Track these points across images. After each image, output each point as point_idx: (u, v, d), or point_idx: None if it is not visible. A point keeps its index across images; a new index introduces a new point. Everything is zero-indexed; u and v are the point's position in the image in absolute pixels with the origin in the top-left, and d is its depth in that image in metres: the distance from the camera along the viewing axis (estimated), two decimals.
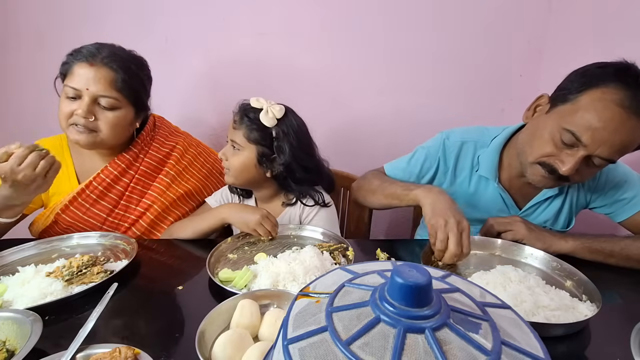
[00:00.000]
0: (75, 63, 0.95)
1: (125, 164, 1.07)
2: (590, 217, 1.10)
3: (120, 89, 0.97)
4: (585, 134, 0.79)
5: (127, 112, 1.01)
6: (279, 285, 0.76)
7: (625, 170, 0.99)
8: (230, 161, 1.05)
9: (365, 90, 1.56)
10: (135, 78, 1.00)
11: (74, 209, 1.04)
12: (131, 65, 1.00)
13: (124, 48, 1.04)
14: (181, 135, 1.21)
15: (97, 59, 0.95)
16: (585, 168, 0.84)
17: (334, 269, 0.38)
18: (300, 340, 0.28)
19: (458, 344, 0.27)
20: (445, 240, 0.80)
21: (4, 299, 0.72)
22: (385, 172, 1.15)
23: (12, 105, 1.51)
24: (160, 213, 1.10)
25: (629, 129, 0.77)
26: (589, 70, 0.83)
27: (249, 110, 1.03)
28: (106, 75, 0.95)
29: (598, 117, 0.77)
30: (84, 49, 0.97)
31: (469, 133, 1.07)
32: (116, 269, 0.81)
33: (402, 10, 1.46)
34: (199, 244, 1.00)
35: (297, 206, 1.11)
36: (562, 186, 0.99)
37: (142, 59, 1.07)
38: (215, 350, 0.55)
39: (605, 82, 0.78)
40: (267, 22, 1.46)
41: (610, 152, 0.79)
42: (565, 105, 0.83)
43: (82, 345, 0.56)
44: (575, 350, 0.64)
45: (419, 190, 0.92)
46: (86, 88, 0.94)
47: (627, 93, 0.76)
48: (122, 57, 0.99)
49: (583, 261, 0.89)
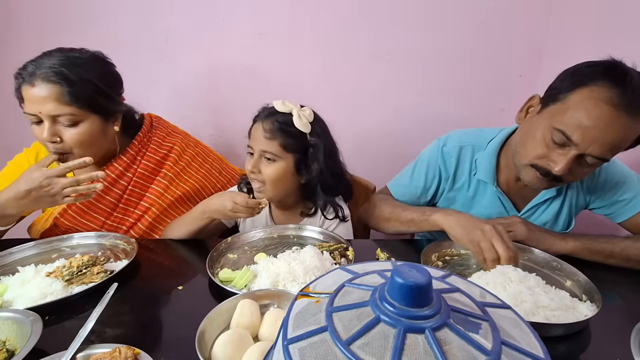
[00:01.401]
0: (22, 87, 0.89)
1: (123, 166, 1.05)
2: (590, 218, 1.10)
3: (70, 102, 0.88)
4: (575, 132, 0.79)
5: (92, 122, 0.93)
6: (279, 285, 0.76)
7: (624, 171, 0.98)
8: (264, 174, 0.98)
9: (365, 90, 1.56)
10: (83, 83, 0.90)
11: (72, 212, 1.04)
12: (75, 70, 0.89)
13: (69, 51, 0.94)
14: (179, 135, 1.18)
15: (36, 78, 0.87)
16: (578, 167, 0.84)
17: (334, 269, 0.38)
18: (300, 340, 0.28)
19: (458, 344, 0.27)
20: (492, 248, 0.80)
21: (4, 299, 0.72)
22: (391, 192, 1.14)
23: (12, 106, 1.51)
24: (158, 215, 1.09)
25: (619, 127, 0.77)
26: (578, 70, 0.83)
27: (278, 116, 0.97)
28: (50, 92, 0.87)
29: (588, 115, 0.77)
30: (25, 70, 0.89)
31: (465, 137, 1.06)
32: (116, 269, 0.81)
33: (402, 10, 1.46)
34: (199, 244, 1.00)
35: (316, 217, 1.09)
36: (560, 187, 0.99)
37: (94, 55, 0.97)
38: (215, 350, 0.55)
39: (594, 81, 0.78)
40: (266, 22, 1.47)
41: (602, 150, 0.79)
42: (556, 105, 0.83)
43: (82, 345, 0.56)
44: (575, 350, 0.64)
45: (437, 215, 0.92)
46: (39, 112, 0.88)
47: (615, 91, 0.75)
48: (61, 65, 0.88)
49: (583, 261, 0.89)
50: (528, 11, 1.48)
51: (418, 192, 1.10)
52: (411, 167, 1.12)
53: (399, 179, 1.14)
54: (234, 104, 1.56)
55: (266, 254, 0.89)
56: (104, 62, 0.98)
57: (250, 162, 0.99)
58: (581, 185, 1.00)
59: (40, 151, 1.05)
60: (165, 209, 1.10)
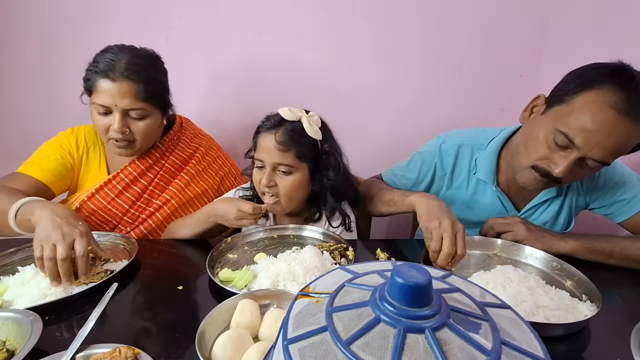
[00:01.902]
0: (97, 79, 0.96)
1: (152, 160, 1.12)
2: (590, 218, 1.10)
3: (145, 99, 0.99)
4: (578, 136, 0.79)
5: (156, 116, 1.05)
6: (279, 285, 0.76)
7: (624, 171, 0.98)
8: (281, 186, 0.95)
9: (365, 90, 1.56)
10: (155, 83, 1.02)
11: (99, 197, 1.08)
12: (148, 69, 1.00)
13: (135, 49, 1.02)
14: (204, 138, 1.26)
15: (116, 73, 0.95)
16: (579, 170, 0.84)
17: (334, 269, 0.38)
18: (300, 340, 0.28)
19: (458, 344, 0.27)
20: (440, 240, 0.80)
21: (4, 299, 0.72)
22: (383, 179, 1.15)
23: (13, 106, 1.52)
24: (176, 209, 1.14)
25: (622, 132, 0.76)
26: (584, 72, 0.82)
27: (287, 125, 0.94)
28: (129, 89, 0.96)
29: (592, 119, 0.77)
30: (100, 62, 0.96)
31: (465, 136, 1.07)
32: (116, 269, 0.81)
33: (402, 10, 1.46)
34: (199, 244, 1.00)
35: (321, 223, 1.07)
36: (560, 188, 0.99)
37: (155, 55, 1.06)
38: (215, 350, 0.55)
39: (600, 84, 0.77)
40: (266, 22, 1.47)
41: (604, 154, 0.79)
42: (560, 106, 0.83)
43: (82, 345, 0.56)
44: (575, 350, 0.64)
45: (414, 195, 0.92)
46: (114, 104, 0.96)
47: (620, 95, 0.75)
48: (139, 64, 0.98)
49: (583, 261, 0.89)
50: (528, 11, 1.48)
51: (409, 184, 1.10)
52: (408, 160, 1.13)
53: (394, 169, 1.16)
54: (234, 104, 1.56)
55: (266, 254, 0.89)
56: (162, 61, 1.08)
57: (265, 176, 0.95)
58: (581, 185, 1.00)
59: (79, 135, 1.11)
60: (183, 203, 1.15)
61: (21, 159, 1.12)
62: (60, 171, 1.07)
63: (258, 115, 1.03)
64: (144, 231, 1.11)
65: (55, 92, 1.49)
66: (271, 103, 1.06)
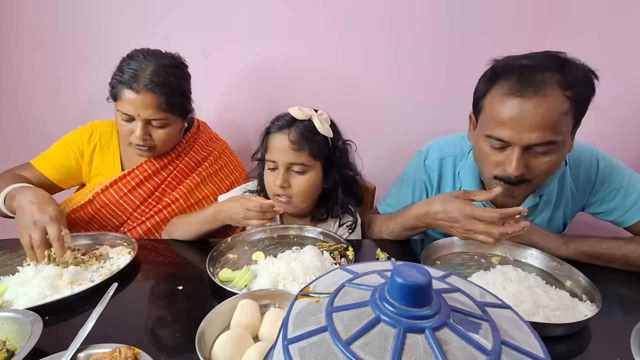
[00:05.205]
0: (122, 89, 0.99)
1: (168, 159, 1.14)
2: (590, 217, 1.09)
3: (166, 110, 1.01)
4: (502, 132, 0.81)
5: (176, 124, 1.08)
6: (279, 285, 0.76)
7: (625, 175, 0.96)
8: (295, 186, 0.95)
9: (365, 90, 1.56)
10: (178, 93, 1.04)
11: (112, 191, 1.11)
12: (171, 79, 1.02)
13: (161, 55, 1.04)
14: (219, 143, 1.28)
15: (140, 85, 0.97)
16: (535, 159, 0.83)
17: (334, 269, 0.38)
18: (300, 340, 0.28)
19: (458, 344, 0.27)
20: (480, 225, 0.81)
21: (4, 299, 0.72)
22: (379, 212, 1.14)
23: (12, 106, 1.52)
24: (184, 208, 1.16)
25: (531, 109, 0.77)
26: (481, 78, 0.89)
27: (299, 124, 0.94)
28: (152, 100, 0.99)
29: (502, 113, 0.81)
30: (125, 72, 0.99)
31: (446, 147, 1.06)
32: (120, 265, 0.81)
33: (402, 11, 1.46)
34: (199, 244, 1.00)
35: (328, 224, 1.07)
36: (550, 194, 0.97)
37: (179, 61, 1.08)
38: (215, 350, 0.55)
39: (492, 82, 0.84)
40: (266, 22, 1.46)
41: (537, 136, 0.78)
42: (480, 115, 0.88)
43: (82, 345, 0.56)
44: (575, 350, 0.64)
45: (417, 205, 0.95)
46: (137, 114, 0.99)
47: (508, 82, 0.80)
48: (162, 75, 1.00)
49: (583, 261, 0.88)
50: (528, 11, 1.48)
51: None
52: (397, 186, 1.12)
53: (386, 199, 1.15)
54: (234, 104, 1.56)
55: (265, 254, 0.89)
56: (185, 66, 1.10)
57: (279, 177, 0.95)
58: (576, 190, 0.99)
59: (94, 131, 1.15)
60: (191, 204, 1.17)
61: (21, 159, 1.12)
62: (67, 169, 1.12)
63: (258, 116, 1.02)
64: (150, 227, 1.13)
65: (55, 92, 1.49)
66: (271, 104, 1.07)
